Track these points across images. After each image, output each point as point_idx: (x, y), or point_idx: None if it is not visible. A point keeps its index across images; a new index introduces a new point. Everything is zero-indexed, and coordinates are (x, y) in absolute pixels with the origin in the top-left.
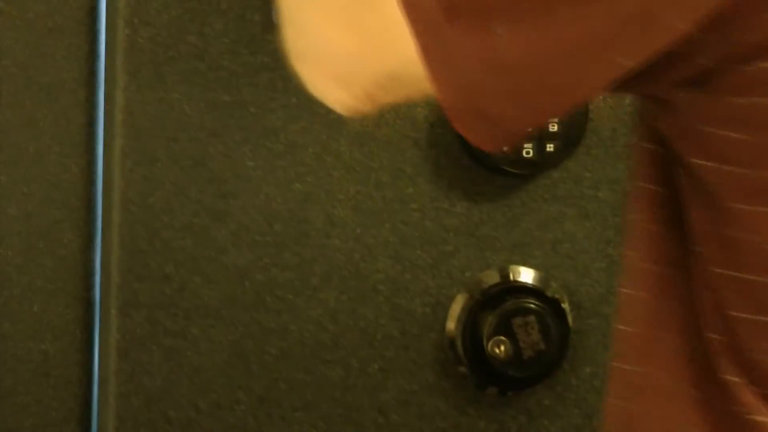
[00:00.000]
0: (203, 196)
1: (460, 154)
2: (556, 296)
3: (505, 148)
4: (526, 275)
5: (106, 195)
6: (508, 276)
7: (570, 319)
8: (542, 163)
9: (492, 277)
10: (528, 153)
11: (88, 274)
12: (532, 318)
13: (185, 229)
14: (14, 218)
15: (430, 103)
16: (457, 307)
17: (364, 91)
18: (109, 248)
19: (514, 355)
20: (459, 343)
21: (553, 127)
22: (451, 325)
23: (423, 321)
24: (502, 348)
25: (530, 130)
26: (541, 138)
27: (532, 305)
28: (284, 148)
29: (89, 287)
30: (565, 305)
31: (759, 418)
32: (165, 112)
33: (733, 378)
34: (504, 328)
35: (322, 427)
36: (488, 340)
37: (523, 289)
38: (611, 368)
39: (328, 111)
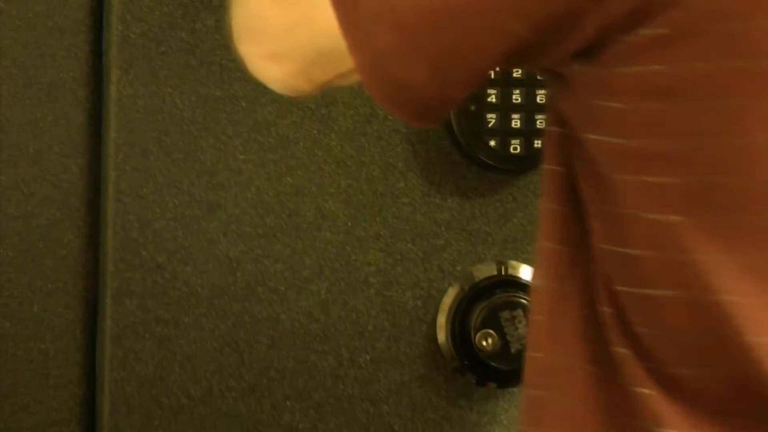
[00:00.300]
0: (195, 188)
1: (450, 150)
2: None
3: (429, 125)
4: (518, 270)
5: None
6: (500, 270)
7: None
8: (531, 159)
9: (483, 271)
10: (516, 149)
11: (88, 274)
12: (519, 312)
13: (177, 220)
14: (14, 218)
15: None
16: (447, 300)
17: (298, 67)
18: (104, 238)
19: (502, 348)
20: (449, 336)
21: (541, 124)
22: (441, 318)
23: (414, 313)
24: (489, 341)
25: (446, 103)
26: (528, 134)
27: (520, 299)
28: (275, 142)
29: (89, 287)
30: None
31: (641, 390)
32: (157, 105)
33: (621, 350)
34: (491, 321)
35: (312, 416)
36: (476, 333)
37: (514, 283)
38: (525, 359)
39: (319, 106)
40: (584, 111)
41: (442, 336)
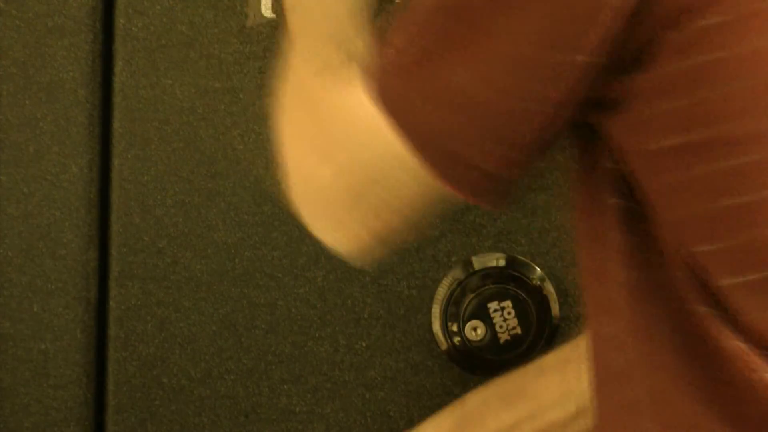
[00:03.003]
0: (194, 176)
1: None
2: (538, 283)
3: (491, 202)
4: (510, 262)
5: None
6: (493, 262)
7: (556, 306)
8: None
9: (477, 263)
10: None
11: (88, 274)
12: (508, 303)
13: (177, 207)
14: (14, 218)
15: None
16: (442, 291)
17: (360, 225)
18: (107, 224)
19: (491, 339)
20: (443, 326)
21: None
22: (436, 308)
23: (409, 302)
24: (478, 331)
25: (515, 173)
26: None
27: (509, 290)
28: (273, 133)
29: (89, 287)
30: (547, 292)
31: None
32: (158, 96)
33: (736, 342)
34: (480, 312)
35: (309, 400)
36: (465, 324)
37: (507, 274)
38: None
39: None
40: (634, 126)
41: (436, 325)
